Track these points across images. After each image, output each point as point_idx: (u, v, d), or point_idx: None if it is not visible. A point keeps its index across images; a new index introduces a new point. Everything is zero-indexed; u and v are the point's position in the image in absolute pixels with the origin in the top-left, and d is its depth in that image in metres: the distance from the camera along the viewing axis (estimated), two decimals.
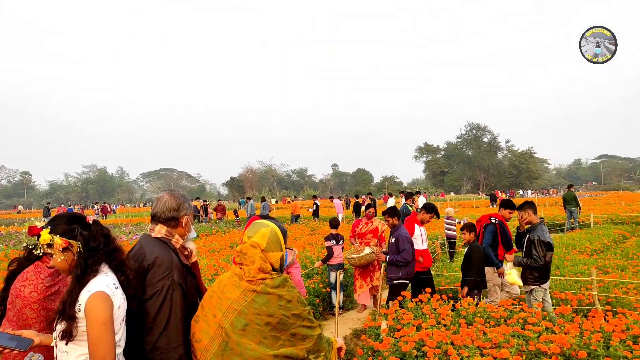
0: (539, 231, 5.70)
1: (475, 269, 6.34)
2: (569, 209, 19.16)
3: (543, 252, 5.57)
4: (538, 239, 5.61)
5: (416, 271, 6.67)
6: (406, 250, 6.41)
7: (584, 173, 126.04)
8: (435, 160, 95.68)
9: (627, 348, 3.74)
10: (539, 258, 5.56)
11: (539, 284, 5.68)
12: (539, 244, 5.58)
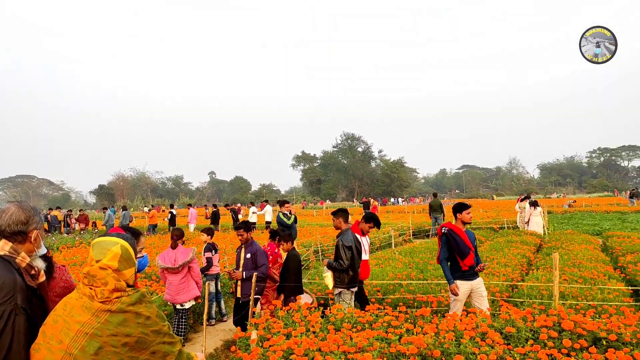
0: (344, 236, 6.28)
1: (292, 276, 6.62)
2: (434, 215, 20.55)
3: (347, 256, 6.12)
4: (342, 243, 6.20)
5: None
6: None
7: (448, 182, 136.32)
8: (312, 169, 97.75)
9: (475, 345, 4.06)
10: (343, 261, 6.12)
11: (347, 288, 6.21)
12: (343, 248, 6.16)
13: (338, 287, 6.26)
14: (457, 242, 5.94)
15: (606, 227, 20.43)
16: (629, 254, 10.96)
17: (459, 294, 5.91)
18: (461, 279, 5.95)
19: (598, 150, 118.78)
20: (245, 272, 6.47)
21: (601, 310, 5.89)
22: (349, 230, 6.44)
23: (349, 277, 6.25)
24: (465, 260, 5.89)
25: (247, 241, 6.72)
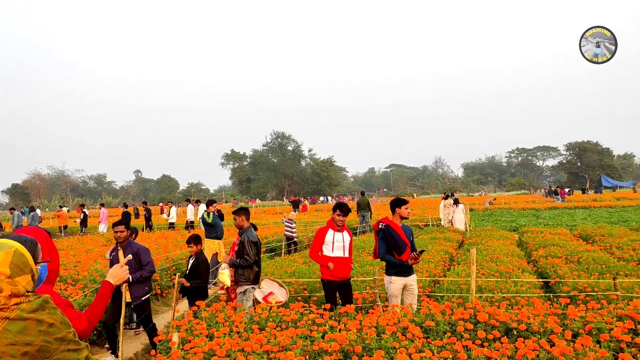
0: (248, 232, 6.34)
1: (201, 279, 6.74)
2: (361, 213, 20.92)
3: (253, 252, 6.17)
4: (248, 239, 6.22)
5: (328, 280, 6.27)
6: (150, 263, 6.39)
7: (377, 180, 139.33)
8: (241, 168, 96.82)
9: (396, 339, 4.16)
10: (249, 257, 6.13)
11: (252, 285, 6.25)
12: (249, 244, 6.19)
13: (243, 284, 6.22)
14: (394, 237, 5.95)
15: (522, 224, 21.62)
16: (541, 248, 11.62)
17: (394, 290, 5.97)
18: (396, 275, 6.00)
19: (516, 150, 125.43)
20: (132, 276, 6.11)
21: (514, 302, 6.20)
22: (251, 227, 6.50)
23: (254, 273, 6.26)
24: (402, 256, 5.90)
25: (124, 240, 6.39)
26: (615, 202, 36.69)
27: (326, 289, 6.29)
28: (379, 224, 6.16)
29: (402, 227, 6.16)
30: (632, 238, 12.87)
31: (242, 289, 6.22)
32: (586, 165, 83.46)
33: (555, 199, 43.47)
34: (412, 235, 6.31)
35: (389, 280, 6.04)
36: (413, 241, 6.28)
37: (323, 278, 6.29)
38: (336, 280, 6.21)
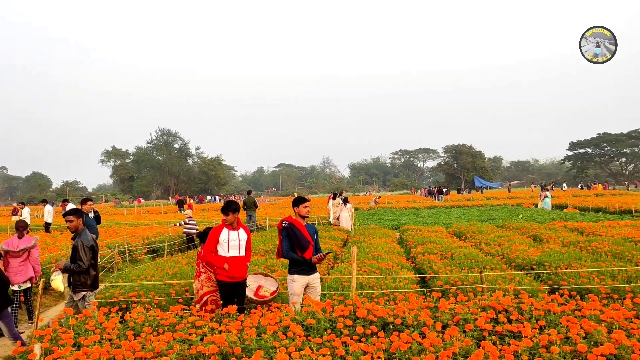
0: (82, 236, 6.09)
1: None
2: (248, 213, 20.75)
3: (87, 256, 5.98)
4: (82, 243, 6.00)
5: (224, 281, 6.00)
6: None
7: (265, 180, 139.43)
8: (123, 165, 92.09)
9: (277, 339, 4.14)
10: (83, 262, 5.94)
11: (91, 290, 6.07)
12: (83, 248, 5.97)
13: (80, 290, 5.97)
14: (297, 235, 5.95)
15: (403, 222, 22.70)
16: (420, 245, 12.27)
17: (296, 288, 5.94)
18: (298, 274, 5.98)
19: (399, 152, 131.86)
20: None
21: (392, 298, 6.47)
22: (86, 230, 6.24)
23: (91, 278, 6.03)
24: (305, 254, 5.91)
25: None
26: (485, 202, 39.83)
27: (222, 290, 6.10)
28: (283, 222, 6.14)
29: (305, 226, 6.17)
30: (498, 234, 14.03)
31: (80, 295, 5.94)
32: (461, 166, 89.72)
33: (438, 198, 46.31)
34: (316, 234, 6.34)
35: (291, 278, 6.03)
36: (317, 240, 6.31)
37: (218, 279, 6.11)
38: (233, 280, 6.03)
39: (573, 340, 3.82)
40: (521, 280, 7.36)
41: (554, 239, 12.67)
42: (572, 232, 14.68)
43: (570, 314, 4.64)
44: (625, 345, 3.58)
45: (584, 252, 10.20)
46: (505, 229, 16.73)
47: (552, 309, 4.76)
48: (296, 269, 5.98)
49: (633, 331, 4.01)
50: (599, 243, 11.07)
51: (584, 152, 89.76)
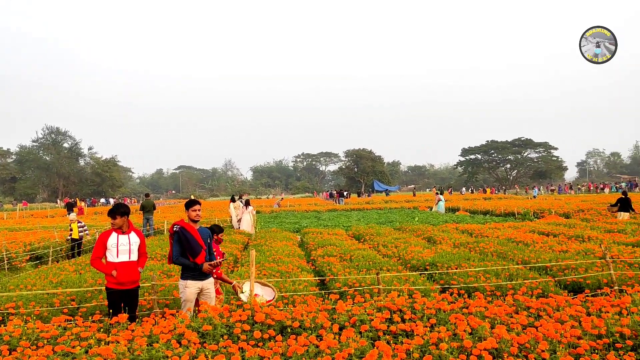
0: None
1: None
2: (146, 216, 19.94)
3: None
4: None
5: (112, 289, 5.59)
6: None
7: (165, 182, 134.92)
8: (4, 166, 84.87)
9: (170, 347, 3.96)
10: None
11: None
12: None
13: None
14: (188, 240, 5.74)
15: (304, 225, 22.87)
16: (320, 248, 12.41)
17: (189, 294, 5.73)
18: (191, 279, 5.77)
19: (302, 155, 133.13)
20: None
21: (292, 301, 6.46)
22: None
23: None
24: (196, 259, 5.73)
25: None
26: (384, 205, 41.19)
27: (110, 298, 5.71)
28: (174, 226, 5.90)
29: (199, 230, 5.97)
30: (395, 237, 14.55)
31: None
32: (362, 170, 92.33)
33: (339, 201, 47.24)
34: (211, 238, 6.15)
35: (184, 284, 5.80)
36: (211, 244, 6.12)
37: (107, 287, 5.74)
38: (122, 287, 5.70)
39: (460, 337, 4.01)
40: (415, 281, 7.66)
41: (446, 241, 13.35)
42: (463, 234, 15.56)
43: (459, 312, 4.88)
44: (505, 339, 3.82)
45: (473, 253, 10.84)
46: (402, 231, 17.40)
47: (442, 308, 4.98)
48: (188, 275, 5.80)
49: (513, 325, 4.29)
50: (486, 244, 11.81)
51: (475, 158, 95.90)
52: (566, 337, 3.86)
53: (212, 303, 5.85)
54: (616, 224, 16.37)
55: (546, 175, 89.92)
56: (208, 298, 5.90)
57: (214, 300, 6.02)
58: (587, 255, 9.53)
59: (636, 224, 15.70)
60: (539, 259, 9.30)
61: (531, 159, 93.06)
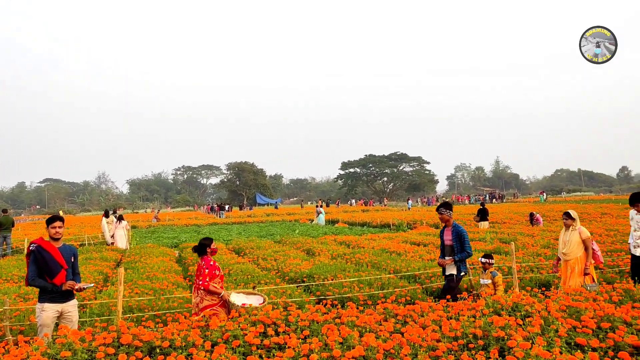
0: None
1: None
2: (2, 234, 18.11)
3: None
4: None
5: None
6: None
7: (28, 196, 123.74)
8: None
9: None
10: None
11: None
12: None
13: None
14: (45, 259, 5.34)
15: (184, 239, 22.18)
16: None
17: (45, 318, 5.27)
18: (49, 302, 5.33)
19: (182, 168, 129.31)
20: None
21: (164, 319, 6.21)
22: None
23: None
24: (54, 280, 5.32)
25: None
26: (266, 218, 41.22)
27: None
28: (30, 245, 5.47)
29: (60, 248, 5.52)
30: (275, 249, 14.61)
31: None
32: (244, 183, 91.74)
33: (219, 215, 46.41)
34: (75, 257, 5.70)
35: (40, 307, 5.34)
36: (75, 263, 5.68)
37: None
38: None
39: (330, 347, 4.10)
40: (292, 293, 7.74)
41: (324, 252, 13.66)
42: (341, 245, 16.02)
43: (332, 322, 4.99)
44: (372, 347, 3.97)
45: (349, 264, 11.19)
46: (282, 244, 17.51)
47: (316, 319, 5.06)
48: (46, 297, 5.36)
49: (381, 333, 4.47)
50: (362, 254, 12.26)
51: (354, 171, 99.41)
52: (427, 340, 4.10)
53: (73, 327, 5.44)
54: (478, 232, 17.83)
55: (420, 188, 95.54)
56: (69, 322, 5.48)
57: (76, 324, 5.60)
58: None
59: (494, 233, 17.22)
60: (409, 268, 9.83)
61: (406, 172, 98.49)
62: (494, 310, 4.95)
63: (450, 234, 7.13)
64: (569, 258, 7.39)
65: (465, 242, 6.95)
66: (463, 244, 6.95)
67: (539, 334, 4.08)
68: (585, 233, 7.42)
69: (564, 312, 4.80)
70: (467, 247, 6.95)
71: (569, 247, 7.42)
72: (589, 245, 7.34)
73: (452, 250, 7.06)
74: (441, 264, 7.18)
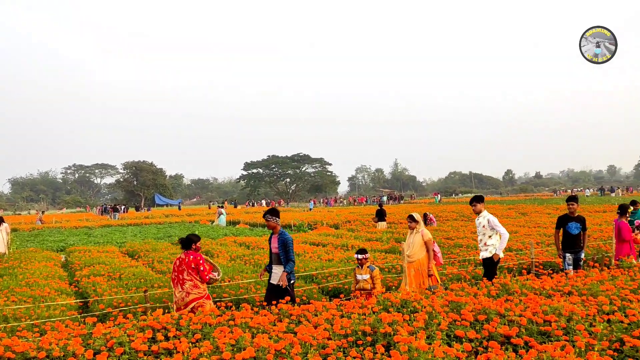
0: None
1: None
2: None
3: None
4: None
5: None
6: None
7: None
8: None
9: None
10: None
11: None
12: None
13: None
14: None
15: (71, 243, 20.85)
16: (86, 267, 11.40)
17: None
18: None
19: (73, 166, 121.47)
20: None
21: (43, 329, 5.78)
22: None
23: None
24: None
25: None
26: (164, 219, 39.84)
27: None
28: None
29: None
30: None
31: None
32: (142, 183, 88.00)
33: (113, 216, 44.18)
34: None
35: None
36: None
37: None
38: None
39: (221, 350, 4.02)
40: None
41: (223, 254, 13.43)
42: (241, 247, 15.86)
43: (225, 324, 4.91)
44: (264, 347, 3.95)
45: (248, 265, 11.11)
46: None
47: (208, 322, 4.95)
48: None
49: (273, 333, 4.46)
50: (261, 256, 12.21)
51: (257, 172, 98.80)
52: (318, 339, 4.15)
53: None
54: (375, 233, 18.43)
55: (322, 189, 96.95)
56: None
57: None
58: (348, 262, 10.49)
59: (390, 233, 17.89)
60: (306, 268, 9.94)
61: (309, 173, 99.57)
62: (384, 308, 5.13)
63: (277, 242, 6.85)
64: (413, 260, 7.53)
65: (289, 250, 6.71)
66: (288, 252, 6.69)
67: (422, 328, 4.27)
68: (427, 235, 7.61)
69: (447, 306, 5.08)
70: (291, 256, 6.73)
71: (412, 249, 7.57)
72: (430, 247, 7.52)
73: (278, 258, 6.78)
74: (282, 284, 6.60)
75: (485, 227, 7.87)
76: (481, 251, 7.98)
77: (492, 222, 7.82)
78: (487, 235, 7.85)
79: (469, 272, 9.05)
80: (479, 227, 7.99)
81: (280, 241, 6.78)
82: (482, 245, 7.96)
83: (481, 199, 8.14)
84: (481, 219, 7.96)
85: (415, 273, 7.52)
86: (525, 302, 5.12)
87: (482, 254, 7.93)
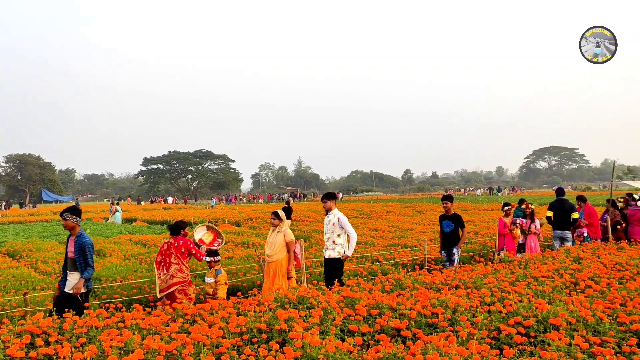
0: None
1: None
2: None
3: None
4: None
5: None
6: None
7: None
8: None
9: None
10: None
11: None
12: None
13: None
14: None
15: None
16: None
17: None
18: None
19: None
20: None
21: None
22: None
23: None
24: None
25: None
26: (52, 216, 37.22)
27: None
28: None
29: None
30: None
31: None
32: (27, 178, 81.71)
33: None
34: None
35: None
36: None
37: None
38: None
39: (106, 353, 3.81)
40: None
41: (117, 253, 12.80)
42: (137, 245, 15.19)
43: (114, 327, 4.67)
44: (153, 349, 3.79)
45: (143, 264, 10.66)
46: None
47: (95, 324, 4.69)
48: None
49: (165, 334, 4.31)
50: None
51: (157, 168, 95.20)
52: (212, 338, 4.06)
53: None
54: None
55: (225, 186, 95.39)
56: None
57: None
58: (248, 260, 10.40)
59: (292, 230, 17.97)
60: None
61: (211, 170, 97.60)
62: (280, 304, 5.13)
63: (73, 245, 6.04)
64: (272, 260, 7.29)
65: (88, 255, 5.96)
66: (86, 258, 5.94)
67: (317, 324, 4.32)
68: (289, 236, 7.39)
69: (343, 302, 5.18)
70: (90, 262, 5.97)
71: (272, 248, 7.35)
72: (291, 248, 7.31)
73: (74, 263, 5.96)
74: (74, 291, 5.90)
75: (335, 226, 7.57)
76: (327, 250, 7.64)
77: (342, 221, 7.55)
78: (336, 234, 7.56)
79: (366, 268, 9.31)
80: (328, 225, 7.68)
81: (77, 244, 5.99)
82: (329, 244, 7.61)
83: (333, 196, 7.89)
84: (331, 216, 7.66)
85: (273, 273, 7.28)
86: (416, 296, 5.35)
87: (329, 253, 7.58)
